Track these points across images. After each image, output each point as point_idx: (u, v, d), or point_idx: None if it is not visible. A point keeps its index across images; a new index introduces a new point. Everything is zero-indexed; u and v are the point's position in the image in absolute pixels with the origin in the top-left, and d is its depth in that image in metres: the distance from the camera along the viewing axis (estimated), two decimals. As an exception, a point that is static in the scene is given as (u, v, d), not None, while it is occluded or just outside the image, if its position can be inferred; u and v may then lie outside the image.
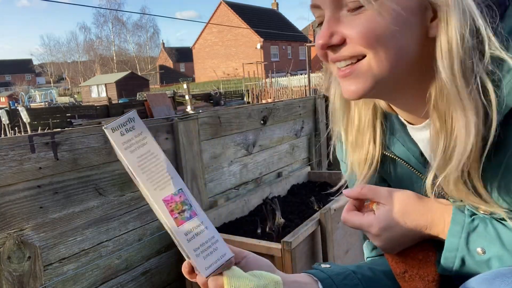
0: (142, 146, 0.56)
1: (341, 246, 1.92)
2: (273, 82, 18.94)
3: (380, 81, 0.60)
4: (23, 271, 1.25)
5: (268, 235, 1.80)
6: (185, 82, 16.40)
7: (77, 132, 1.44)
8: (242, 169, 2.28)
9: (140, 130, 0.56)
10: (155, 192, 0.55)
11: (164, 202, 0.55)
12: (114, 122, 0.55)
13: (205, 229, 0.55)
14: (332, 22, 0.59)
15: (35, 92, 31.77)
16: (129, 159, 0.55)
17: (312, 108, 2.99)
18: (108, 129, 0.55)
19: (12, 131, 12.75)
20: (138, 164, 0.56)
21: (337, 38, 0.59)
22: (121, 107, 16.41)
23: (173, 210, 0.54)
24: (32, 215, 1.31)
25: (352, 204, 0.72)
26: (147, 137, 0.56)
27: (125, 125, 0.56)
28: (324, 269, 0.75)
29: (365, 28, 0.56)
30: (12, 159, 1.25)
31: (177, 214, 0.54)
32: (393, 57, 0.57)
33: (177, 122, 1.79)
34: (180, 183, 0.56)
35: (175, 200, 0.55)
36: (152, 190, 0.55)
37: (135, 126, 0.56)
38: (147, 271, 1.70)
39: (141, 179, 0.55)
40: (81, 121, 14.09)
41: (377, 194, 0.68)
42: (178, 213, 0.55)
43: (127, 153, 0.55)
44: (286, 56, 39.24)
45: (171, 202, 0.55)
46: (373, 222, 0.67)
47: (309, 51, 13.10)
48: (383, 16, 0.54)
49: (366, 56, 0.59)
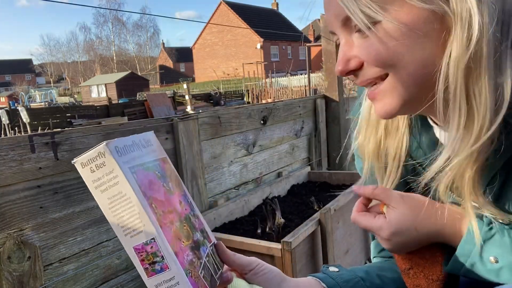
0: (113, 186, 0.49)
1: (341, 246, 1.92)
2: (273, 82, 18.95)
3: (408, 97, 0.58)
4: (23, 271, 1.25)
5: (268, 235, 1.80)
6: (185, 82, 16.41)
7: (77, 132, 1.44)
8: (242, 169, 2.28)
9: (111, 168, 0.49)
10: (125, 239, 0.50)
11: (135, 250, 0.49)
12: (83, 156, 0.49)
13: (176, 285, 0.50)
14: (347, 47, 0.59)
15: (35, 92, 31.77)
16: (100, 200, 0.50)
17: (312, 108, 2.99)
18: (78, 163, 0.49)
19: (12, 131, 12.76)
20: (109, 206, 0.50)
21: (354, 63, 0.58)
22: (121, 107, 16.42)
23: (144, 260, 0.49)
24: (32, 215, 1.31)
25: (362, 203, 0.71)
26: (119, 176, 0.49)
27: (95, 161, 0.49)
28: (332, 274, 0.74)
29: (375, 50, 0.55)
30: (12, 159, 1.25)
31: (147, 264, 0.50)
32: (414, 71, 0.55)
33: (177, 122, 1.79)
34: (153, 231, 0.49)
35: (146, 250, 0.49)
36: (123, 236, 0.50)
37: (106, 163, 0.49)
38: (147, 271, 1.70)
39: (112, 222, 0.50)
40: (81, 121, 14.10)
41: (389, 196, 0.67)
42: (149, 264, 0.50)
43: (98, 193, 0.49)
44: (286, 56, 39.24)
45: (142, 252, 0.49)
46: (383, 226, 0.66)
47: (309, 51, 13.11)
48: (391, 36, 0.53)
49: (389, 75, 0.57)
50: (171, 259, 0.50)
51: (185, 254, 0.53)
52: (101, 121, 13.18)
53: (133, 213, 0.49)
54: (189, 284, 0.50)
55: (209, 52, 41.15)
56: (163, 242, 0.50)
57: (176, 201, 0.58)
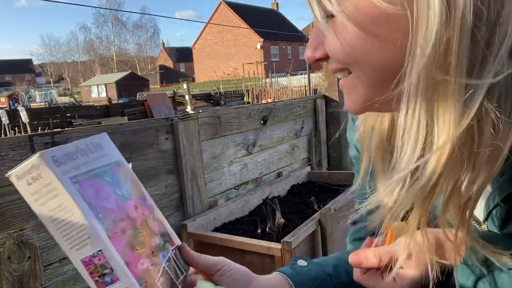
0: (53, 198, 0.47)
1: (341, 246, 1.92)
2: (273, 82, 18.95)
3: (371, 98, 0.51)
4: (23, 271, 1.25)
5: (268, 235, 1.80)
6: (185, 82, 16.41)
7: (77, 132, 1.44)
8: (242, 169, 2.28)
9: (48, 180, 0.46)
10: (71, 252, 0.47)
11: (83, 263, 0.48)
12: (18, 169, 0.46)
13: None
14: (315, 34, 0.52)
15: (35, 92, 31.78)
16: (41, 213, 0.48)
17: (312, 108, 2.99)
18: (12, 176, 0.46)
19: (12, 131, 12.76)
20: (51, 219, 0.48)
21: (320, 52, 0.52)
22: (121, 107, 16.43)
23: (93, 273, 0.48)
24: (32, 215, 1.30)
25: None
26: (57, 188, 0.46)
27: (30, 173, 0.46)
28: (300, 270, 0.71)
29: (332, 45, 0.49)
30: (12, 159, 1.25)
31: (97, 277, 0.48)
32: (372, 74, 0.49)
33: (177, 122, 1.79)
34: (100, 242, 0.47)
35: (94, 263, 0.47)
36: (69, 250, 0.47)
37: (42, 174, 0.46)
38: (147, 271, 1.70)
39: (56, 236, 0.48)
40: (81, 121, 14.10)
41: (396, 255, 0.58)
42: (98, 276, 0.48)
43: (38, 206, 0.47)
44: (286, 56, 39.25)
45: (90, 264, 0.48)
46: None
47: (309, 51, 13.08)
48: (345, 33, 0.47)
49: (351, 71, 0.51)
50: (121, 270, 0.48)
51: (139, 263, 0.51)
52: (101, 121, 13.19)
53: (77, 225, 0.47)
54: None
55: (209, 52, 41.16)
56: (111, 253, 0.48)
57: (130, 207, 0.56)
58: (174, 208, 1.82)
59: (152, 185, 1.71)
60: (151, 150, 1.71)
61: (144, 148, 1.67)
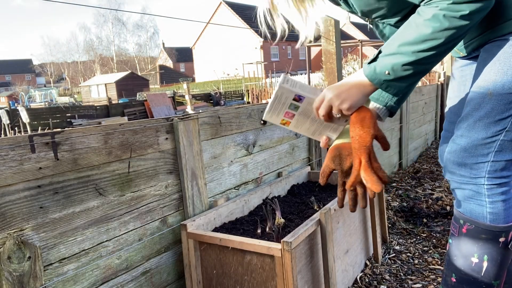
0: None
1: (341, 246, 1.92)
2: (273, 82, 18.93)
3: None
4: (23, 271, 1.25)
5: (268, 235, 1.80)
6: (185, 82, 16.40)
7: (77, 132, 1.44)
8: (242, 169, 2.28)
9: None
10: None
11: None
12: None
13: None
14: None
15: (35, 92, 31.77)
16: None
17: (312, 108, 2.99)
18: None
19: (12, 131, 12.76)
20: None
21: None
22: (121, 107, 16.42)
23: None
24: (32, 215, 1.31)
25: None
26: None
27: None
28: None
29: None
30: (12, 159, 1.25)
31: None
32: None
33: (177, 122, 1.79)
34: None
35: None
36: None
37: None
38: (147, 271, 1.70)
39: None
40: (81, 121, 14.10)
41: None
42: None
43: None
44: (286, 56, 39.23)
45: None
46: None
47: (309, 51, 13.11)
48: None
49: None
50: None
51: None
52: (101, 121, 13.18)
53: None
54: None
55: (209, 52, 41.15)
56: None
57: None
58: (174, 208, 1.82)
59: (152, 185, 1.71)
60: (151, 150, 1.71)
61: (144, 148, 1.67)
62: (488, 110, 1.08)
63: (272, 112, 1.29)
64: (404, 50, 0.99)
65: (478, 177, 1.12)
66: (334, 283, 1.71)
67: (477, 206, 1.14)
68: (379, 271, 2.16)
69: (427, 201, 3.13)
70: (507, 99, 1.04)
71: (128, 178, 1.61)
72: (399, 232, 2.66)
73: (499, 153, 1.09)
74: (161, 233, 1.75)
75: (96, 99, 29.02)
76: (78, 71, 53.52)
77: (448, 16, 0.93)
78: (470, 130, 1.11)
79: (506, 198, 1.12)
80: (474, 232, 1.14)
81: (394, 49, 1.01)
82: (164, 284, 1.77)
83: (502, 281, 1.17)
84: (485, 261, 1.13)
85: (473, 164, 1.12)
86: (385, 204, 2.47)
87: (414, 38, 0.98)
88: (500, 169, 1.11)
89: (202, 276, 1.74)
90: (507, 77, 1.03)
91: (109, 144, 1.54)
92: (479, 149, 1.10)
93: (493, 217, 1.12)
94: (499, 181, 1.11)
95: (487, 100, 1.07)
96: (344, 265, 1.95)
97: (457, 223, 1.20)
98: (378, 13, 1.18)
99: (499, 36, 1.07)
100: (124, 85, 31.71)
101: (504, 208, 1.12)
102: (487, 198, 1.12)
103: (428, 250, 2.37)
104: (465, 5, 0.92)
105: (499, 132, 1.07)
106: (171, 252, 1.80)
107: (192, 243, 1.70)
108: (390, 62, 1.01)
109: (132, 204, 1.63)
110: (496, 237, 1.12)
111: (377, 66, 1.04)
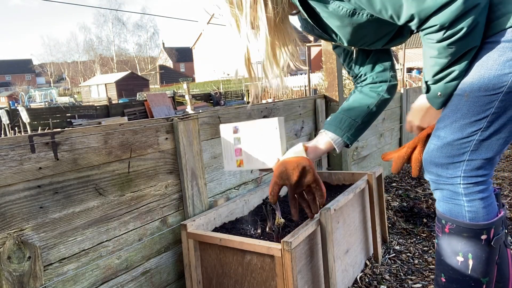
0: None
1: (341, 246, 1.92)
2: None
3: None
4: (23, 271, 1.25)
5: (268, 235, 1.80)
6: (185, 82, 16.40)
7: (77, 132, 1.44)
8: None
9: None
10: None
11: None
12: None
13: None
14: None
15: (35, 92, 31.76)
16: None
17: (312, 108, 2.99)
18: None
19: (12, 131, 12.76)
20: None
21: None
22: (121, 107, 16.43)
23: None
24: (32, 215, 1.31)
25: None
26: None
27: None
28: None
29: None
30: (12, 159, 1.25)
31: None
32: None
33: (177, 122, 1.79)
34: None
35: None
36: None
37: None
38: (147, 271, 1.70)
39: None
40: (81, 121, 14.11)
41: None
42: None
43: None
44: (286, 56, 39.16)
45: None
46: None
47: (309, 51, 13.11)
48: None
49: None
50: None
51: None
52: (101, 121, 13.19)
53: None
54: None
55: (209, 52, 41.15)
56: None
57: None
58: (174, 208, 1.82)
59: (152, 185, 1.71)
60: (151, 150, 1.71)
61: (144, 148, 1.67)
62: (464, 112, 1.10)
63: (227, 159, 1.51)
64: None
65: (454, 176, 1.14)
66: (334, 283, 1.71)
67: (455, 206, 1.16)
68: (379, 271, 2.16)
69: (427, 201, 3.13)
70: (483, 101, 1.07)
71: (128, 178, 1.61)
72: (399, 232, 2.66)
73: (474, 152, 1.11)
74: (161, 233, 1.75)
75: (96, 99, 29.04)
76: (78, 71, 53.54)
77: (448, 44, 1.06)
78: (447, 131, 1.14)
79: (484, 196, 1.14)
80: (456, 231, 1.16)
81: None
82: (164, 284, 1.77)
83: (493, 278, 1.18)
84: (470, 259, 1.15)
85: (449, 164, 1.14)
86: (385, 204, 2.47)
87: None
88: (476, 168, 1.12)
89: (202, 276, 1.74)
90: (483, 80, 1.06)
91: (109, 144, 1.54)
92: (455, 149, 1.13)
93: (472, 216, 1.14)
94: (475, 179, 1.13)
95: (463, 102, 1.10)
96: (344, 265, 1.95)
97: (440, 223, 1.22)
98: (364, 41, 1.30)
99: (486, 38, 1.08)
100: (124, 85, 31.73)
101: (482, 206, 1.13)
102: (464, 197, 1.14)
103: (428, 250, 2.37)
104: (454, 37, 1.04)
105: (475, 132, 1.10)
106: (171, 252, 1.80)
107: (192, 243, 1.70)
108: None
109: (132, 204, 1.63)
110: (478, 235, 1.14)
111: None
